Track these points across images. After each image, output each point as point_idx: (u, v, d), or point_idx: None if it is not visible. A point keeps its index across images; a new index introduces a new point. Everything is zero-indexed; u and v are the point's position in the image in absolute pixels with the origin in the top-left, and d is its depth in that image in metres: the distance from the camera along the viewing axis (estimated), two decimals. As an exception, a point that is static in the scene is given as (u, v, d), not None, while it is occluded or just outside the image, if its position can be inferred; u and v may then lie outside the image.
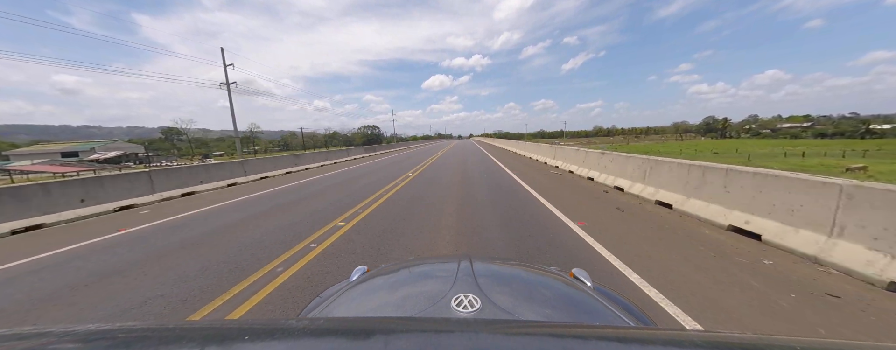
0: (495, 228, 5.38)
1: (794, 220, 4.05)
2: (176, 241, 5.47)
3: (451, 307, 0.96)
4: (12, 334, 0.59)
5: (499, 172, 13.29)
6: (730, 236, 4.67)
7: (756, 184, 4.65)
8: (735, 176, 5.05)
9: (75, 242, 5.72)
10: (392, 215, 6.48)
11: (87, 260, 4.76)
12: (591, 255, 4.18)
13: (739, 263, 3.76)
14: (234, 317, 3.02)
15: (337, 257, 4.32)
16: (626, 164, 8.58)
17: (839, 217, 3.57)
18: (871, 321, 2.61)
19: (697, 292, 3.15)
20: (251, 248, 4.87)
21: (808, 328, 2.57)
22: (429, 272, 1.36)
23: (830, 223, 3.65)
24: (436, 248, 4.58)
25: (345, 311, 1.12)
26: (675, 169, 6.48)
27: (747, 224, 4.61)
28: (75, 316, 3.23)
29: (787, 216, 4.14)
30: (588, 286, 1.32)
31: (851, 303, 2.87)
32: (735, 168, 5.14)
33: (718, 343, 0.56)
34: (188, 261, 4.46)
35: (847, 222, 3.51)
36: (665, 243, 4.49)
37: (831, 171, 21.42)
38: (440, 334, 0.62)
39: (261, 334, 0.60)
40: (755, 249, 4.13)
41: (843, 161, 30.60)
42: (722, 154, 43.54)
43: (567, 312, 1.08)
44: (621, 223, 5.51)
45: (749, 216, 4.66)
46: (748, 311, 2.82)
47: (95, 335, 0.59)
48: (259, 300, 3.28)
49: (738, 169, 5.08)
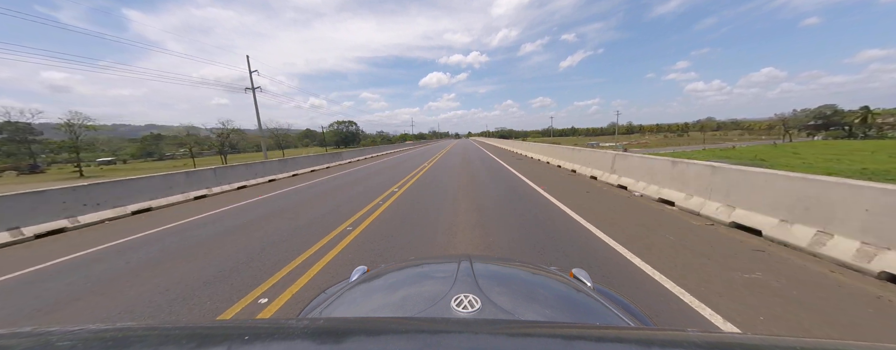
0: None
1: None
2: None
3: (451, 307, 0.95)
4: (12, 334, 0.59)
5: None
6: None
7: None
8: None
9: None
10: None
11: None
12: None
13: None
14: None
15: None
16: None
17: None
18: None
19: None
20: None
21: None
22: (429, 272, 1.35)
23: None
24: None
25: (345, 311, 1.12)
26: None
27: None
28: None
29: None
30: (588, 286, 1.32)
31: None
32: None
33: (718, 343, 0.56)
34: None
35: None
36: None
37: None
38: (440, 334, 0.63)
39: (261, 334, 0.60)
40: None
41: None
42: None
43: (567, 312, 1.08)
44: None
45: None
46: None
47: (95, 335, 0.59)
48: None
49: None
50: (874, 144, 52.98)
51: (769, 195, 4.67)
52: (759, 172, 4.95)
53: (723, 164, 5.92)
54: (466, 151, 31.89)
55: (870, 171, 23.32)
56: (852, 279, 3.36)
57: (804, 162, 31.32)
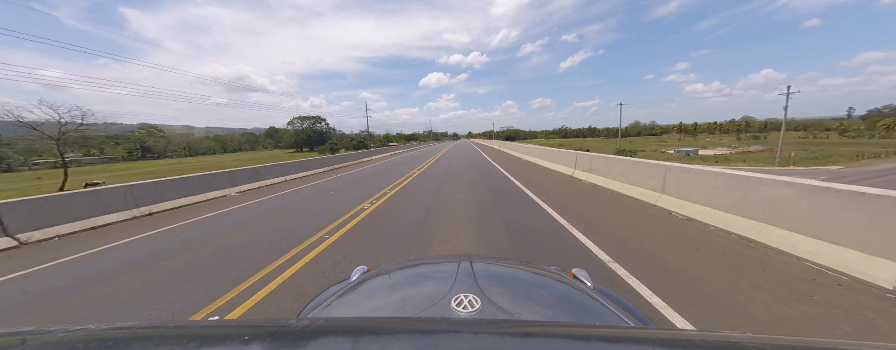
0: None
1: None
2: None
3: (451, 307, 0.95)
4: (12, 334, 0.59)
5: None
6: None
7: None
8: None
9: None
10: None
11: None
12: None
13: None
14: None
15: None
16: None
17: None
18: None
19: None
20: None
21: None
22: (429, 272, 1.35)
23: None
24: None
25: (345, 311, 1.12)
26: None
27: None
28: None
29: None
30: (588, 286, 1.31)
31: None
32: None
33: (718, 343, 0.56)
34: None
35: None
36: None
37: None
38: (440, 334, 0.63)
39: (261, 334, 0.60)
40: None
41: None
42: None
43: (567, 312, 1.08)
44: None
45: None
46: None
47: (95, 335, 0.59)
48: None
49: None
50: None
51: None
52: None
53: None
54: (476, 162, 19.43)
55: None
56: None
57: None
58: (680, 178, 6.28)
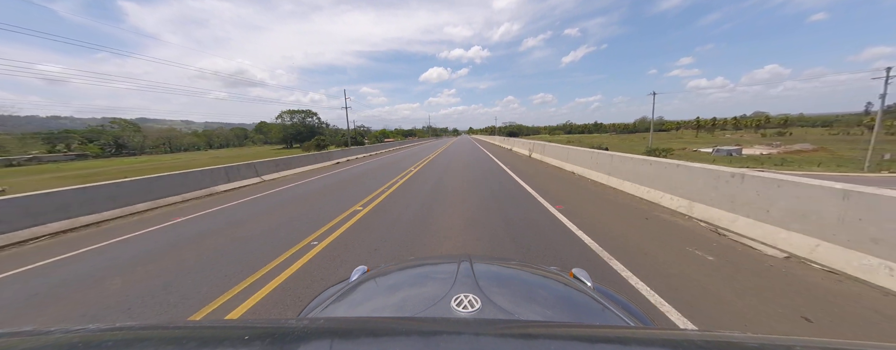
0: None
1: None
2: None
3: (451, 307, 0.95)
4: (12, 334, 0.59)
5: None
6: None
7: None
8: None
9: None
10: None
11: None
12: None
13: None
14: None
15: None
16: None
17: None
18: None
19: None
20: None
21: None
22: (429, 272, 1.35)
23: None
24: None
25: (345, 311, 1.12)
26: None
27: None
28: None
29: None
30: (588, 286, 1.31)
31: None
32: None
33: (718, 343, 0.56)
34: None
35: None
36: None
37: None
38: (440, 335, 0.63)
39: (261, 334, 0.60)
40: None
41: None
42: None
43: (567, 312, 1.08)
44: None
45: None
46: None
47: (95, 335, 0.59)
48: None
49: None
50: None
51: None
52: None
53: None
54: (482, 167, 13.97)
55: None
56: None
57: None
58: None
